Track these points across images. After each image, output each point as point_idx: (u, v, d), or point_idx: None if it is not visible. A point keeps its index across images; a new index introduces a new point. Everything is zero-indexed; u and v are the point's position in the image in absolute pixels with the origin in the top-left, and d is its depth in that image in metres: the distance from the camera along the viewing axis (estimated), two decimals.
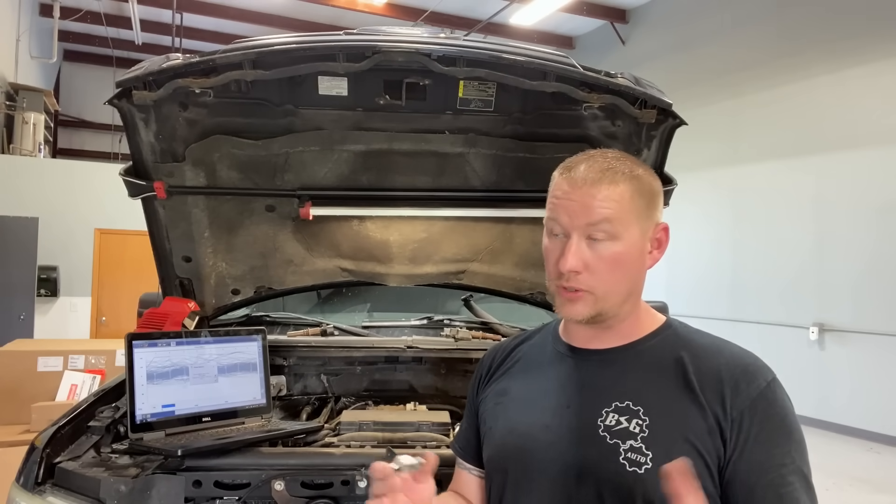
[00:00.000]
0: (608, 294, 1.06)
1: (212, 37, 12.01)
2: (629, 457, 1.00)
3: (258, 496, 1.46)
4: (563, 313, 1.09)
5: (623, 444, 1.01)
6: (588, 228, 1.03)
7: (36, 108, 9.17)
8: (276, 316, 2.58)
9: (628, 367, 1.08)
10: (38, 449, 1.47)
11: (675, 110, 1.77)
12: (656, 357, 1.08)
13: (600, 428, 1.04)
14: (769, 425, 0.99)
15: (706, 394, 1.01)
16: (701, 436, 0.99)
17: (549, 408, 1.11)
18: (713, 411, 1.00)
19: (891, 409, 6.77)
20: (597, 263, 1.04)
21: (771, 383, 1.02)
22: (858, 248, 7.15)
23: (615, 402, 1.05)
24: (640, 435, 1.00)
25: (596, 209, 1.03)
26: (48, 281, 8.01)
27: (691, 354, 1.06)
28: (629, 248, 1.05)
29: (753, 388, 1.01)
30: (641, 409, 1.02)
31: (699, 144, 8.50)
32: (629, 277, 1.07)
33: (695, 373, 1.04)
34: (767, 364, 1.06)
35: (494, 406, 1.20)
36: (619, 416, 1.03)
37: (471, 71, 1.71)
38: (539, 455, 1.08)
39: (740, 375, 1.02)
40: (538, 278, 2.44)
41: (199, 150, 2.01)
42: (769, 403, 1.00)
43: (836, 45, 7.47)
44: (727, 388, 1.01)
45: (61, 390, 3.54)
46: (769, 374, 1.04)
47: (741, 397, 1.00)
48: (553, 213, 1.08)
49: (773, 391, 1.02)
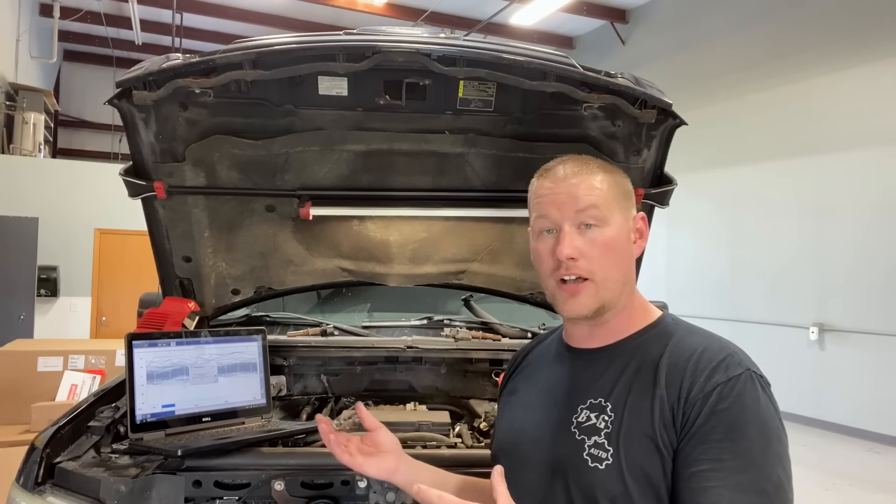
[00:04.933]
0: (606, 280, 1.08)
1: (212, 37, 12.02)
2: (592, 452, 1.01)
3: (258, 496, 1.46)
4: (567, 310, 1.10)
5: (588, 440, 1.03)
6: (578, 216, 1.08)
7: (36, 108, 9.17)
8: (276, 316, 2.58)
9: (609, 365, 1.10)
10: (38, 449, 1.47)
11: (675, 110, 1.77)
12: (638, 354, 1.08)
13: (573, 424, 1.06)
14: (715, 420, 0.94)
15: (669, 387, 1.00)
16: (659, 430, 0.98)
17: (541, 406, 1.15)
18: (670, 403, 0.99)
19: (891, 409, 6.77)
20: (591, 249, 1.07)
21: (735, 379, 0.97)
22: (858, 247, 7.15)
23: (590, 400, 1.07)
24: (605, 431, 1.02)
25: (582, 197, 1.08)
26: (48, 281, 8.01)
27: (670, 350, 1.05)
28: (618, 233, 1.09)
29: (712, 382, 0.97)
30: (609, 406, 1.04)
31: (699, 144, 8.50)
32: (622, 263, 1.10)
33: (666, 367, 1.02)
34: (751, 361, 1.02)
35: (504, 406, 1.28)
36: (590, 412, 1.05)
37: (471, 71, 1.71)
38: (525, 450, 1.12)
39: (703, 369, 0.99)
40: (538, 278, 2.43)
41: (199, 150, 2.01)
42: (723, 398, 0.95)
43: (836, 46, 7.47)
44: (686, 380, 0.99)
45: (61, 390, 3.54)
46: (738, 370, 0.98)
47: (696, 389, 0.97)
48: (541, 210, 1.12)
49: (734, 388, 0.96)
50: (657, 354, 1.05)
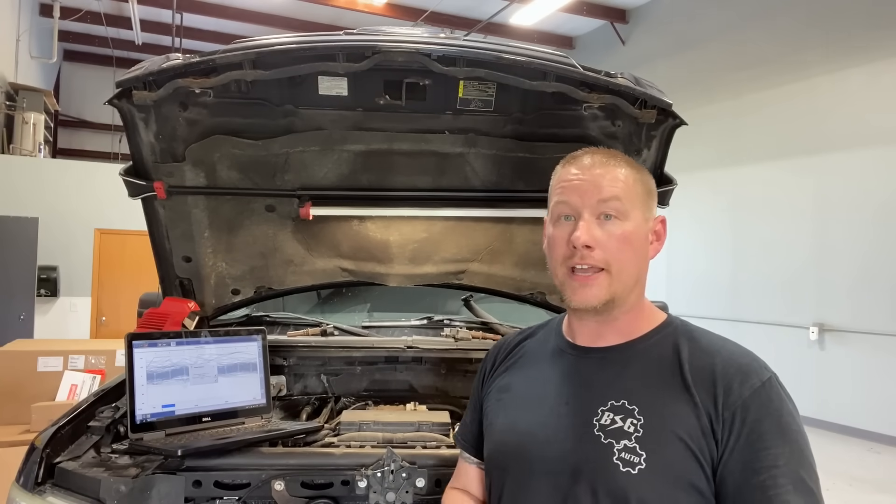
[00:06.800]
0: (621, 272, 1.07)
1: (212, 37, 12.01)
2: (623, 457, 0.99)
3: (258, 496, 1.46)
4: (577, 300, 1.08)
5: (617, 443, 1.01)
6: (599, 206, 1.07)
7: (36, 108, 9.17)
8: (276, 316, 2.58)
9: (626, 365, 1.08)
10: (38, 449, 1.47)
11: (675, 110, 1.77)
12: (654, 356, 1.08)
13: (595, 427, 1.03)
14: (761, 426, 0.98)
15: (700, 393, 1.01)
16: (694, 436, 0.98)
17: (548, 405, 1.11)
18: (706, 411, 0.99)
19: (891, 409, 6.77)
20: (608, 240, 1.06)
21: (766, 383, 1.01)
22: (858, 247, 7.15)
23: (611, 401, 1.05)
24: (635, 435, 1.00)
25: (606, 187, 1.07)
26: (48, 281, 8.01)
27: (689, 353, 1.06)
28: (636, 229, 1.09)
29: (746, 387, 1.00)
30: (636, 409, 1.02)
31: (699, 144, 8.51)
32: (638, 259, 1.10)
33: (690, 371, 1.03)
34: (767, 363, 1.05)
35: (496, 402, 1.21)
36: (614, 415, 1.03)
37: (471, 71, 1.71)
38: (536, 453, 1.08)
39: (734, 375, 1.01)
40: (538, 278, 2.44)
41: (199, 150, 2.01)
42: (761, 403, 0.99)
43: (836, 46, 7.47)
44: (720, 388, 1.00)
45: (61, 390, 3.54)
46: (765, 374, 1.02)
47: (733, 397, 0.99)
48: (563, 195, 1.11)
49: (768, 391, 1.00)
50: (675, 357, 1.06)
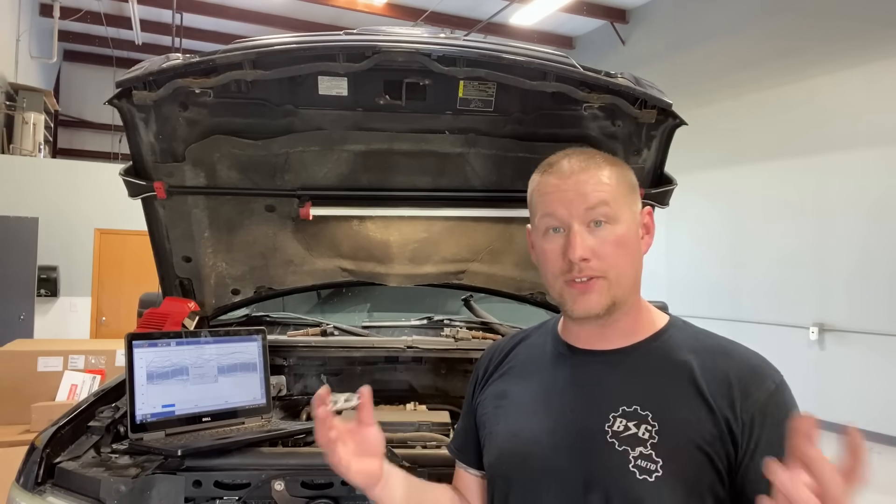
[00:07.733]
0: (620, 277, 1.03)
1: (212, 37, 12.00)
2: (639, 464, 0.96)
3: (258, 496, 1.46)
4: (577, 309, 1.04)
5: (632, 451, 0.97)
6: (588, 214, 1.03)
7: (36, 108, 9.16)
8: (276, 316, 2.58)
9: (633, 369, 1.05)
10: (38, 449, 1.47)
11: (675, 110, 1.77)
12: (662, 359, 1.05)
13: (608, 434, 1.00)
14: (780, 429, 0.95)
15: (716, 397, 0.98)
16: (711, 441, 0.96)
17: (552, 411, 1.07)
18: (723, 415, 0.97)
19: (891, 409, 6.77)
20: (602, 247, 1.02)
21: (780, 385, 1.00)
22: (858, 247, 7.14)
23: (622, 407, 1.01)
24: (650, 441, 0.97)
25: (591, 193, 1.03)
26: (48, 281, 8.00)
27: (698, 356, 1.04)
28: (628, 230, 1.05)
29: (763, 390, 0.99)
30: (650, 415, 0.99)
31: (699, 145, 8.50)
32: (634, 260, 1.06)
33: (703, 375, 1.01)
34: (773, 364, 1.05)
35: (494, 409, 1.16)
36: (627, 421, 1.00)
37: (471, 71, 1.71)
38: (544, 461, 1.04)
39: (749, 378, 1.00)
40: (538, 278, 2.42)
41: (199, 150, 2.01)
42: (778, 406, 0.98)
43: (836, 46, 7.46)
44: (736, 391, 0.98)
45: (61, 390, 3.53)
46: (777, 376, 1.02)
47: (751, 400, 0.98)
48: (548, 208, 1.06)
49: (782, 393, 1.00)
50: (684, 360, 1.04)
